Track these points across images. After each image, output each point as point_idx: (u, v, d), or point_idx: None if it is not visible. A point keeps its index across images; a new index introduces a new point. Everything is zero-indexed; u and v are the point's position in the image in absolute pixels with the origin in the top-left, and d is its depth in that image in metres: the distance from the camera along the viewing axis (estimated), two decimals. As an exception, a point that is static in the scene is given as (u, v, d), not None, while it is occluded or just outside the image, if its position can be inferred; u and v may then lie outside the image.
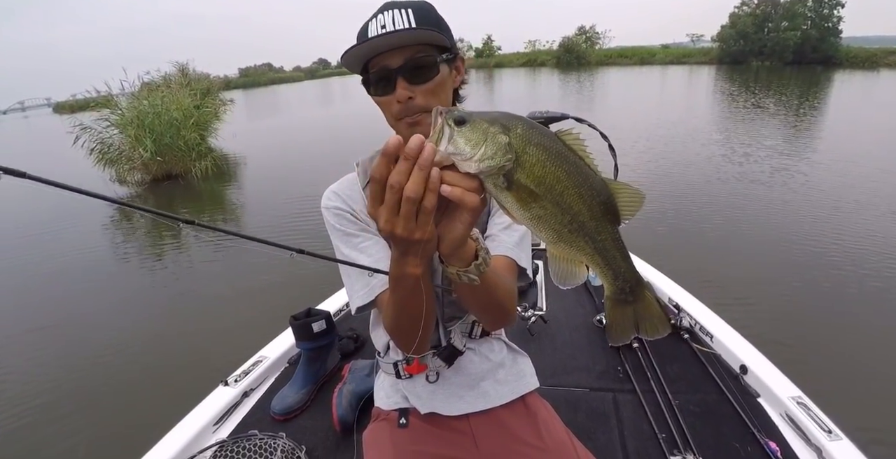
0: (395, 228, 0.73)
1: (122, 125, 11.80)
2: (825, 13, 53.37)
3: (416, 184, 0.68)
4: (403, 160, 0.68)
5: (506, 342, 1.56)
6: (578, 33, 76.02)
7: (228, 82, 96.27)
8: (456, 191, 0.70)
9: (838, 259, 5.64)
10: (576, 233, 0.76)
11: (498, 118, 0.72)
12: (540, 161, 0.71)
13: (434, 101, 1.12)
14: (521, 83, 42.03)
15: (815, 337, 4.23)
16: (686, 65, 59.25)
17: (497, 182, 0.72)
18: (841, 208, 7.25)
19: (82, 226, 9.33)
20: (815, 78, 34.66)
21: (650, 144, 12.34)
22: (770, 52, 54.25)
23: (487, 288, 1.00)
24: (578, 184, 0.73)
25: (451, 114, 0.70)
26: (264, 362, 2.59)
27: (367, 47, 1.07)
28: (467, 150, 0.69)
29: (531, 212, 0.74)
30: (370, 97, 1.17)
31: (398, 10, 1.09)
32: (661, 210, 7.67)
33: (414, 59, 1.08)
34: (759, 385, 2.26)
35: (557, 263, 0.80)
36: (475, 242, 0.91)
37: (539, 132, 0.72)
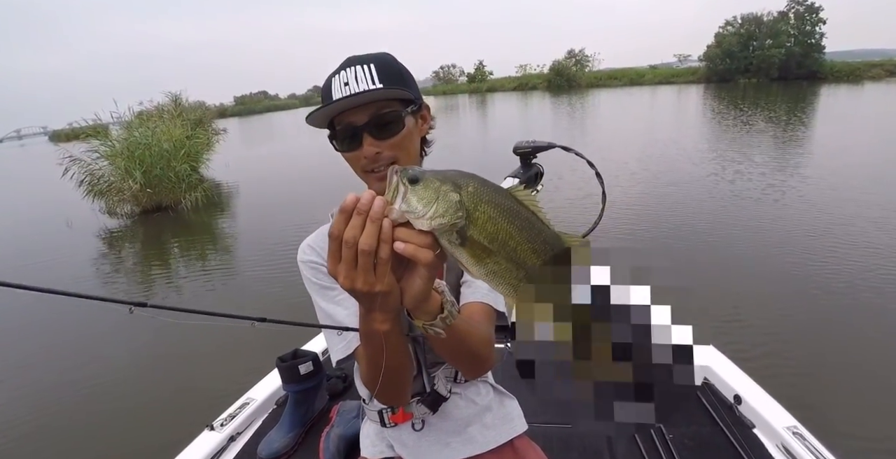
0: (355, 283, 0.75)
1: (112, 156, 11.84)
2: (807, 30, 54.77)
3: (369, 236, 0.71)
4: (356, 215, 0.71)
5: (492, 385, 1.54)
6: (568, 57, 77.49)
7: (224, 110, 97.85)
8: (409, 247, 0.72)
9: (832, 279, 5.57)
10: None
11: (450, 177, 0.74)
12: (492, 218, 0.73)
13: (402, 153, 1.14)
14: (513, 107, 42.55)
15: (810, 363, 4.15)
16: (675, 84, 60.35)
17: (451, 238, 0.74)
18: (832, 229, 7.20)
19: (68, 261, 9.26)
20: (801, 93, 35.37)
21: (643, 165, 12.41)
22: (756, 69, 55.54)
23: (458, 339, 1.00)
24: (531, 239, 0.75)
25: (406, 173, 0.73)
26: (251, 404, 2.52)
27: (330, 109, 1.09)
28: (419, 208, 0.71)
29: (486, 267, 0.76)
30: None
31: (360, 66, 1.10)
32: (651, 230, 7.66)
33: (378, 116, 1.10)
34: (754, 415, 2.21)
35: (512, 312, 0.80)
36: (440, 295, 0.92)
37: (490, 189, 0.74)
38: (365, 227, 0.71)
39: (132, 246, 10.07)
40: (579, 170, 9.38)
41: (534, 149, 3.87)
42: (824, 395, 3.72)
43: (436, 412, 1.38)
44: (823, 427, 2.15)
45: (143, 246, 9.91)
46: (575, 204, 8.81)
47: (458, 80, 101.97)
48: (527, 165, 3.94)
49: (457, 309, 0.95)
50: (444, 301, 0.92)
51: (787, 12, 56.36)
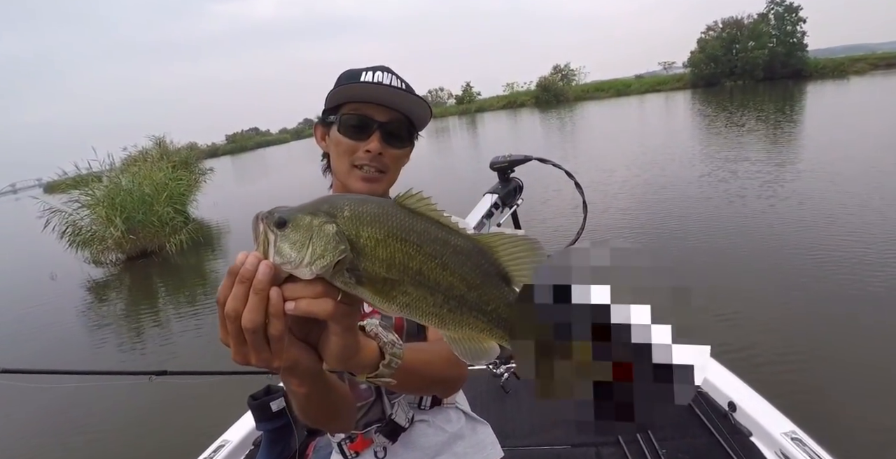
0: (249, 359, 0.66)
1: (92, 205, 11.84)
2: (788, 29, 55.48)
3: (253, 311, 0.62)
4: (238, 283, 0.62)
5: (464, 411, 1.44)
6: (554, 72, 78.53)
7: (216, 149, 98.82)
8: (301, 305, 0.63)
9: (828, 278, 5.46)
10: (459, 311, 0.67)
11: (321, 206, 0.66)
12: (381, 241, 0.64)
13: (393, 169, 1.19)
14: (502, 126, 42.85)
15: (806, 366, 4.03)
16: (661, 92, 60.91)
17: (344, 279, 0.64)
18: (832, 223, 7.14)
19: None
20: (788, 92, 35.74)
21: (635, 172, 12.42)
22: (741, 71, 56.15)
23: (416, 374, 0.93)
24: (436, 253, 0.65)
25: (271, 218, 0.64)
26: (227, 446, 2.41)
27: (365, 89, 1.11)
28: (293, 255, 0.62)
29: (396, 301, 0.66)
30: (325, 137, 1.21)
31: (394, 76, 1.16)
32: (644, 234, 7.64)
33: (398, 122, 1.15)
34: (750, 422, 2.13)
35: (457, 344, 0.70)
36: (375, 339, 0.83)
37: (371, 207, 0.66)
38: (248, 299, 0.62)
39: (117, 295, 9.99)
40: (558, 185, 9.31)
41: (510, 164, 3.82)
42: (823, 398, 3.59)
43: (395, 441, 1.28)
44: (824, 431, 2.06)
45: (128, 294, 9.83)
46: (566, 214, 8.78)
47: (447, 103, 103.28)
48: (505, 180, 3.89)
49: (400, 347, 0.86)
50: (381, 344, 0.83)
51: (766, 14, 57.10)
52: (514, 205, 3.95)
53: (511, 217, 3.94)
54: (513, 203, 3.91)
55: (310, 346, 0.74)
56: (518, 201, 3.95)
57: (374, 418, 1.26)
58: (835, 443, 1.92)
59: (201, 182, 18.87)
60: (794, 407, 2.29)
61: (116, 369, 2.11)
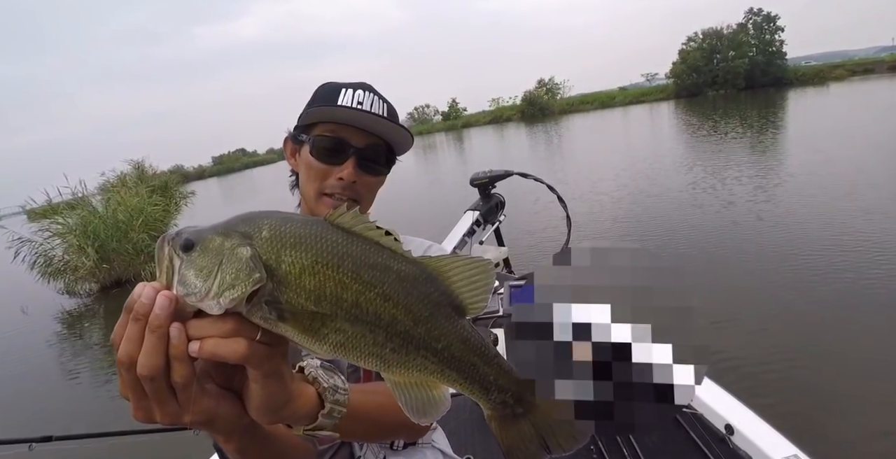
0: (152, 415, 0.55)
1: (63, 234, 11.56)
2: (767, 38, 56.83)
3: (150, 355, 0.51)
4: (132, 322, 0.52)
5: (441, 450, 1.30)
6: (539, 86, 79.36)
7: (203, 171, 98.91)
8: (207, 346, 0.52)
9: (828, 289, 5.32)
10: (403, 350, 0.57)
11: (235, 224, 0.55)
12: (307, 267, 0.53)
13: (366, 197, 1.13)
14: (489, 141, 43.17)
15: (807, 386, 3.87)
16: (645, 103, 61.90)
17: (263, 314, 0.53)
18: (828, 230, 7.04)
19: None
20: (769, 99, 36.36)
21: (622, 183, 12.46)
22: (723, 81, 57.21)
23: (367, 421, 0.82)
24: (376, 281, 0.55)
25: (177, 240, 0.53)
26: None
27: (343, 114, 1.06)
28: (199, 285, 0.51)
29: (327, 341, 0.55)
30: (295, 155, 1.16)
31: (376, 96, 1.10)
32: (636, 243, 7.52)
33: (375, 149, 1.10)
34: (749, 446, 2.04)
35: (402, 391, 0.59)
36: (313, 384, 0.72)
37: (296, 226, 0.55)
38: (144, 340, 0.51)
39: (90, 327, 9.74)
40: (541, 199, 9.26)
41: (491, 179, 3.73)
42: (826, 419, 3.45)
43: None
44: (826, 454, 1.95)
45: (102, 326, 9.54)
46: (552, 228, 8.71)
47: (433, 120, 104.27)
48: (486, 196, 3.80)
49: (345, 393, 0.74)
50: (320, 390, 0.71)
51: (745, 24, 58.36)
52: (497, 222, 3.86)
53: (494, 233, 3.85)
54: (495, 219, 3.82)
55: (233, 394, 0.61)
56: (500, 217, 3.87)
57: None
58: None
59: (182, 206, 18.71)
60: (796, 429, 2.20)
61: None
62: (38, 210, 12.74)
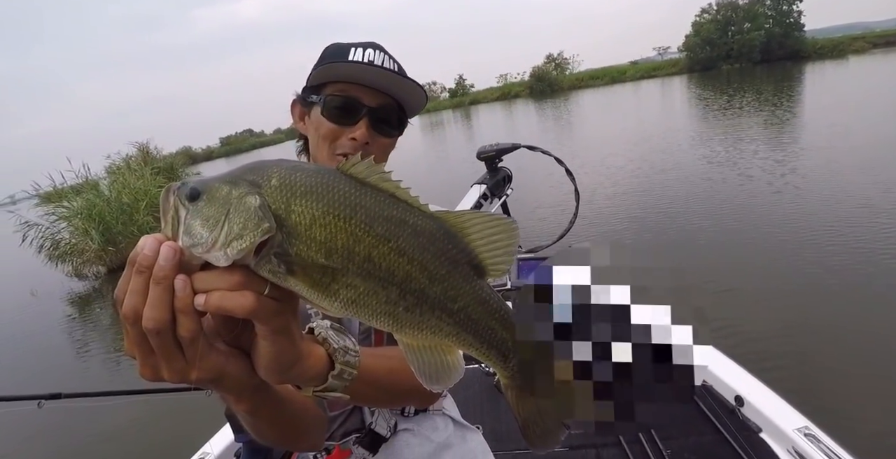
0: (159, 372, 0.54)
1: (69, 217, 11.67)
2: (785, 9, 55.69)
3: (155, 308, 0.50)
4: (135, 274, 0.50)
5: (452, 417, 1.31)
6: (547, 61, 78.82)
7: (211, 152, 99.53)
8: (213, 299, 0.51)
9: (841, 262, 5.30)
10: (417, 309, 0.55)
11: (243, 173, 0.54)
12: (317, 218, 0.51)
13: (381, 159, 1.02)
14: (497, 117, 42.90)
15: (816, 357, 3.89)
16: (657, 78, 61.22)
17: (272, 267, 0.51)
18: (842, 206, 6.97)
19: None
20: (786, 73, 35.77)
21: (631, 157, 12.39)
22: (737, 54, 56.33)
23: (378, 385, 0.81)
24: (390, 234, 0.53)
25: (183, 190, 0.52)
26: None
27: (356, 71, 1.03)
28: (205, 236, 0.50)
29: (338, 297, 0.53)
30: (304, 118, 1.14)
31: (386, 55, 1.07)
32: (640, 221, 7.58)
33: (389, 108, 1.07)
34: (760, 417, 2.08)
35: (415, 355, 0.58)
36: (322, 345, 0.70)
37: (307, 174, 0.53)
38: (148, 293, 0.50)
39: (98, 308, 9.92)
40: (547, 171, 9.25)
41: (498, 153, 3.71)
42: (837, 391, 3.47)
43: (376, 453, 1.16)
44: (838, 426, 1.97)
45: (109, 308, 9.68)
46: (559, 202, 8.70)
47: (440, 97, 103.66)
48: (493, 170, 3.79)
49: (355, 355, 0.73)
50: (331, 350, 0.70)
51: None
52: (504, 196, 3.85)
53: (501, 207, 3.85)
54: (502, 193, 3.81)
55: (242, 352, 0.60)
56: (507, 191, 3.85)
57: (352, 427, 1.14)
58: (851, 439, 1.86)
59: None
60: (806, 401, 2.22)
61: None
62: (47, 194, 12.76)
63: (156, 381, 0.55)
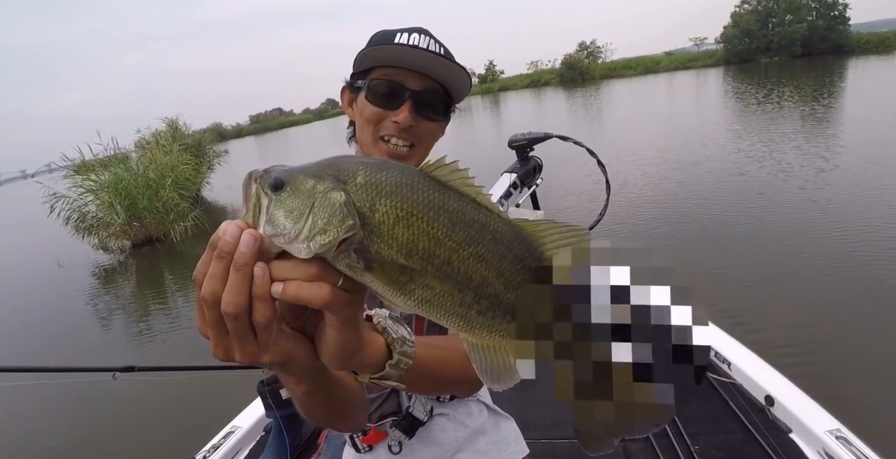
0: (231, 353, 0.57)
1: (96, 191, 11.88)
2: (829, 2, 53.95)
3: (234, 293, 0.52)
4: (216, 259, 0.53)
5: (486, 404, 1.35)
6: (580, 49, 77.84)
7: (241, 130, 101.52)
8: (290, 288, 0.53)
9: (881, 263, 5.21)
10: (489, 314, 0.57)
11: (328, 168, 0.55)
12: (401, 218, 0.53)
13: (423, 144, 1.12)
14: (526, 105, 42.73)
15: (849, 358, 3.85)
16: (692, 69, 60.14)
17: (350, 262, 0.53)
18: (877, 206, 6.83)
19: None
20: (828, 68, 34.85)
21: (664, 151, 12.29)
22: (777, 47, 54.94)
23: (430, 374, 0.83)
24: (472, 239, 0.54)
25: (266, 178, 0.53)
26: (236, 433, 2.43)
27: (399, 53, 1.04)
28: (289, 227, 0.51)
29: (413, 296, 0.55)
30: (352, 104, 1.14)
31: (432, 39, 1.08)
32: (665, 219, 7.50)
33: (434, 92, 1.08)
34: (790, 418, 2.08)
35: (480, 354, 0.59)
36: (382, 334, 0.73)
37: (393, 174, 0.54)
38: (228, 278, 0.52)
39: (122, 282, 10.12)
40: (580, 162, 9.20)
41: (529, 142, 3.71)
42: (869, 394, 3.42)
43: (412, 436, 1.20)
44: (870, 430, 1.96)
45: (132, 283, 9.94)
46: (589, 193, 8.68)
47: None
48: (524, 159, 3.79)
49: (412, 345, 0.76)
50: (389, 340, 0.73)
51: (806, -15, 55.75)
52: (534, 185, 3.84)
53: (530, 197, 3.85)
54: (532, 182, 3.81)
55: (307, 338, 0.63)
56: (537, 181, 3.85)
57: (389, 410, 1.18)
58: (884, 444, 1.84)
59: (215, 164, 19.10)
60: (838, 403, 2.19)
61: (75, 365, 2.07)
62: (78, 166, 12.95)
63: (227, 361, 0.58)
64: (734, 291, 5.07)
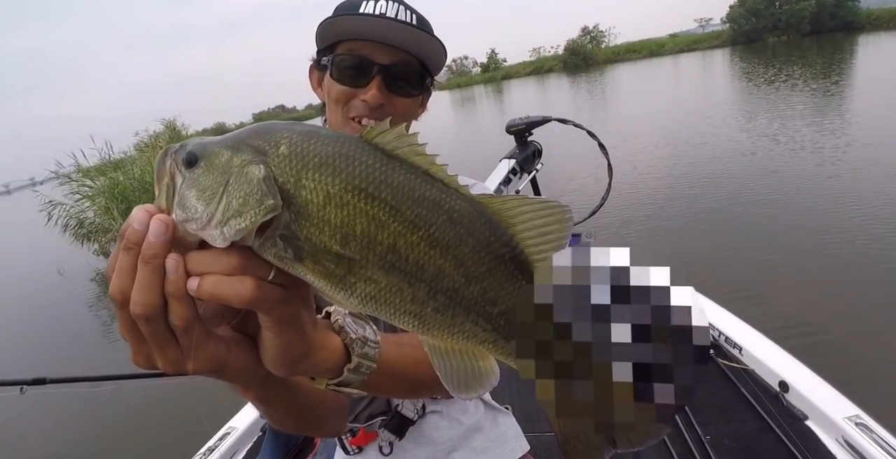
0: (153, 361, 0.49)
1: (92, 196, 11.89)
2: (838, -23, 53.32)
3: (143, 291, 0.45)
4: (124, 251, 0.45)
5: (482, 399, 1.29)
6: (582, 34, 77.80)
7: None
8: (206, 284, 0.45)
9: (882, 252, 5.11)
10: (449, 312, 0.48)
11: (249, 137, 0.47)
12: (333, 195, 0.44)
13: (401, 121, 1.03)
14: (529, 93, 42.57)
15: (867, 341, 3.77)
16: (698, 51, 59.77)
17: (278, 250, 0.45)
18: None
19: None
20: (837, 45, 34.53)
21: (670, 134, 12.21)
22: (785, 25, 54.54)
23: (401, 377, 0.76)
24: (422, 221, 0.45)
25: (181, 152, 0.46)
26: (233, 434, 2.41)
27: (364, 23, 0.96)
28: (200, 210, 0.44)
29: (354, 291, 0.47)
30: (321, 83, 1.07)
31: (401, 6, 1.00)
32: (675, 203, 7.45)
33: (404, 64, 1.00)
34: (806, 404, 2.02)
35: (442, 359, 0.51)
36: (339, 334, 0.64)
37: (323, 142, 0.46)
38: (137, 274, 0.45)
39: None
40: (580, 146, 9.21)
41: (528, 126, 3.64)
42: (889, 379, 3.34)
43: (402, 437, 1.14)
44: (892, 416, 1.88)
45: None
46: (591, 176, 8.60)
47: (471, 72, 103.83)
48: (523, 144, 3.72)
49: (375, 346, 0.67)
50: (348, 341, 0.64)
51: (813, -41, 55.15)
52: (534, 171, 3.78)
53: (530, 183, 3.78)
54: (532, 168, 3.74)
55: (248, 339, 0.55)
56: (537, 166, 3.79)
57: (377, 410, 1.11)
58: None
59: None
60: (856, 389, 2.13)
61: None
62: (80, 170, 12.96)
63: (150, 369, 0.51)
64: (746, 273, 5.02)
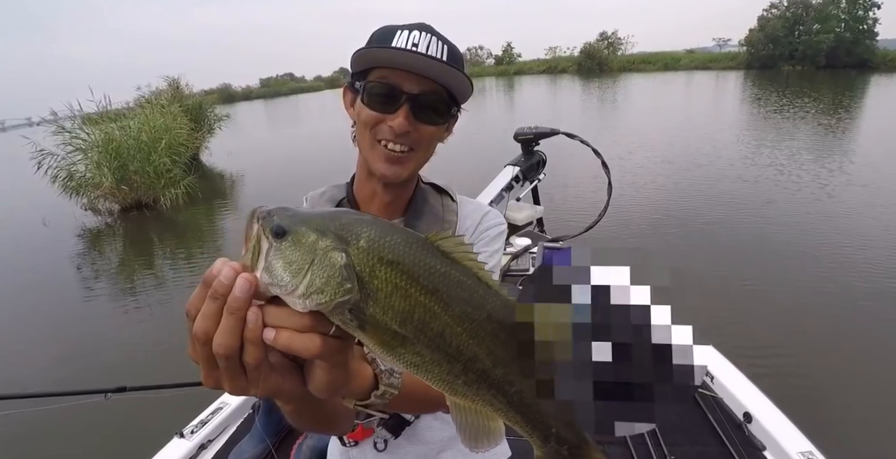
0: (221, 384, 0.58)
1: (85, 149, 11.71)
2: (859, 15, 53.65)
3: (226, 336, 0.53)
4: (209, 299, 0.53)
5: None
6: (600, 39, 77.29)
7: (250, 92, 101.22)
8: (282, 338, 0.54)
9: (874, 286, 5.32)
10: (475, 385, 0.59)
11: (333, 222, 0.55)
12: (399, 288, 0.54)
13: (422, 147, 1.10)
14: (540, 92, 42.57)
15: (826, 381, 3.93)
16: (712, 70, 59.94)
17: (344, 318, 0.54)
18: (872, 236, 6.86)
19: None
20: (850, 82, 34.73)
21: (675, 153, 12.36)
22: (801, 56, 54.68)
23: (416, 400, 0.87)
24: (467, 316, 0.56)
25: (269, 222, 0.54)
26: (224, 409, 2.49)
27: (394, 56, 1.01)
28: (286, 280, 0.52)
29: (402, 359, 0.57)
30: (353, 104, 1.11)
31: (434, 38, 1.05)
32: (668, 222, 7.60)
33: (431, 94, 1.05)
34: (766, 436, 2.15)
35: (461, 414, 0.62)
36: (370, 364, 0.78)
37: (395, 241, 0.55)
38: (221, 319, 0.53)
39: (108, 247, 10.01)
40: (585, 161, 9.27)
41: (536, 136, 3.72)
42: (842, 417, 3.51)
43: (398, 436, 1.24)
44: (843, 454, 2.01)
45: (118, 249, 9.87)
46: (591, 190, 8.71)
47: (485, 63, 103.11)
48: (528, 153, 3.80)
49: (399, 376, 0.80)
50: (377, 372, 0.77)
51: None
52: (536, 180, 3.87)
53: (531, 192, 3.87)
54: (534, 177, 3.84)
55: (297, 368, 0.65)
56: (540, 175, 3.88)
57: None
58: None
59: (216, 129, 19.13)
60: (813, 424, 2.27)
61: (63, 389, 2.15)
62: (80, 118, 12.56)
63: (216, 389, 0.60)
64: (726, 299, 5.18)
